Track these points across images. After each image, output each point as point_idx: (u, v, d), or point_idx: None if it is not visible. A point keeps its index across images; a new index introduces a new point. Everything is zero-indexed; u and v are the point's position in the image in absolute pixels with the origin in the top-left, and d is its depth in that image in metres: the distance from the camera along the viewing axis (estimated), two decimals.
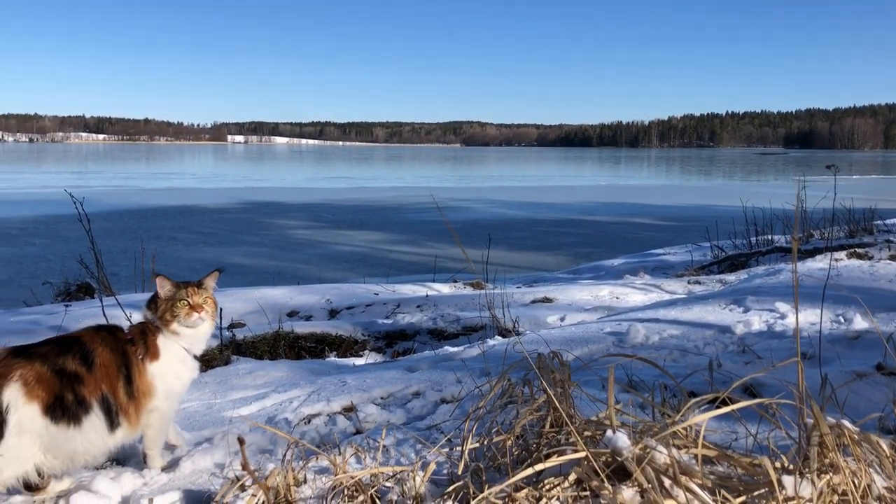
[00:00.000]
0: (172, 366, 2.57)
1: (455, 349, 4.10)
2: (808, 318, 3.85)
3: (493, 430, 2.02)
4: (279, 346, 5.27)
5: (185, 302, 2.57)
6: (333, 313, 7.39)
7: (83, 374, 2.36)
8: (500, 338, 4.83)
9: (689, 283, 7.78)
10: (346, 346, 5.63)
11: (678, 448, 1.71)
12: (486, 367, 3.23)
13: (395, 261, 14.89)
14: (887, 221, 12.89)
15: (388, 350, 5.74)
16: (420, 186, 39.98)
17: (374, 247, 17.00)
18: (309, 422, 2.76)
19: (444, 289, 9.45)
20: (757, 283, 5.08)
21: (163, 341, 2.57)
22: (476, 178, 52.06)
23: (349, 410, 2.81)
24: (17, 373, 2.27)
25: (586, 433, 1.78)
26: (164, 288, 2.60)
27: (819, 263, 5.95)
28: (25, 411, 2.24)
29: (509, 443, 1.90)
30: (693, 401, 1.88)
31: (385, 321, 6.47)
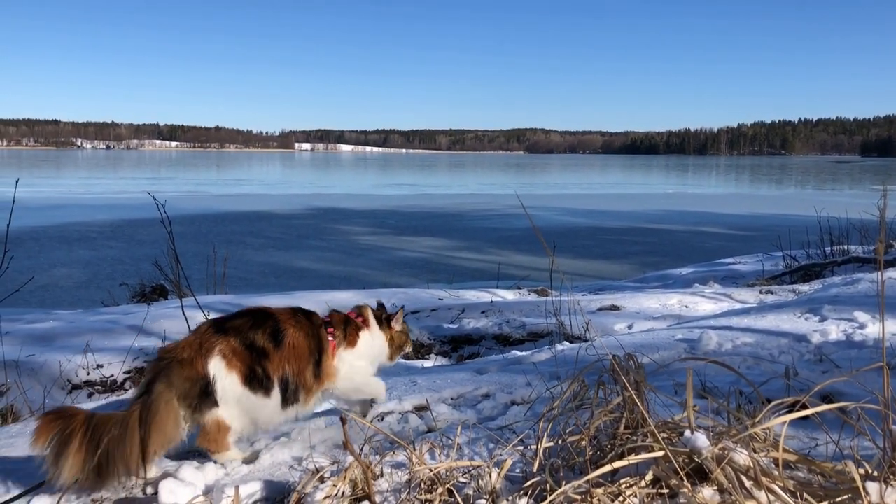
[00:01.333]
0: (361, 358, 2.89)
1: (523, 353, 4.11)
2: (891, 328, 3.72)
3: (568, 431, 2.04)
4: None
5: (411, 342, 3.13)
6: None
7: (270, 351, 2.61)
8: (567, 343, 4.82)
9: (760, 292, 7.61)
10: (414, 349, 5.70)
11: (757, 451, 1.70)
12: (556, 370, 3.24)
13: (458, 267, 14.95)
14: None
15: (453, 354, 5.80)
16: (483, 193, 40.06)
17: (438, 253, 17.11)
18: (382, 419, 2.82)
19: (509, 295, 9.46)
20: (834, 293, 4.94)
21: (365, 337, 2.94)
22: (539, 186, 51.87)
23: (421, 409, 2.86)
24: (217, 347, 2.53)
25: (662, 435, 1.78)
26: (399, 322, 3.10)
27: None
28: (228, 381, 2.52)
29: (584, 442, 1.92)
30: (771, 405, 1.86)
31: (450, 325, 6.53)
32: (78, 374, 5.66)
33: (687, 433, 1.69)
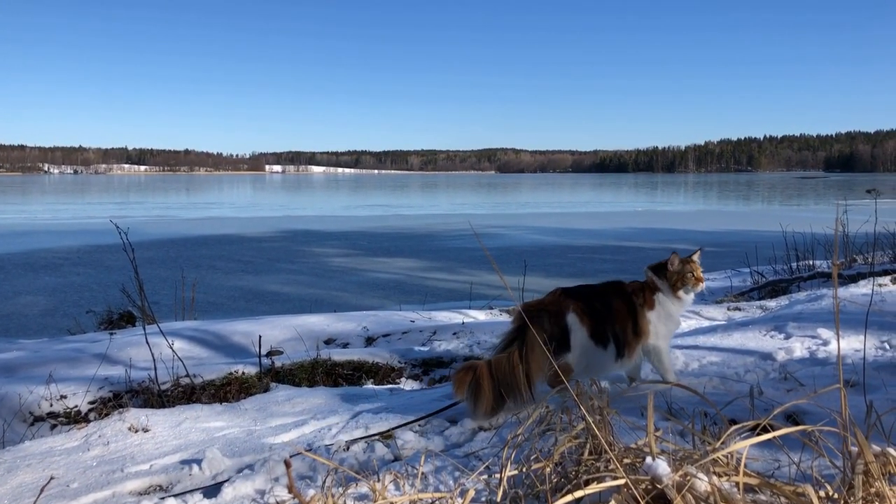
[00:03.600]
0: (664, 316, 3.40)
1: None
2: (852, 345, 3.77)
3: (532, 458, 2.02)
4: (317, 373, 5.32)
5: (692, 275, 3.42)
6: (370, 340, 7.44)
7: (606, 314, 3.29)
8: None
9: (728, 309, 7.67)
10: (383, 374, 5.65)
11: (719, 476, 1.70)
12: None
13: (430, 288, 14.90)
14: None
15: (424, 377, 5.75)
16: (455, 213, 40.13)
17: (410, 274, 17.05)
18: (347, 449, 2.77)
19: (481, 316, 9.43)
20: (798, 310, 5.00)
21: (660, 297, 3.43)
22: (511, 205, 52.09)
23: (388, 437, 2.83)
24: (571, 306, 3.24)
25: (626, 460, 1.78)
26: (674, 263, 3.44)
27: (862, 289, 5.84)
28: (581, 332, 3.20)
29: (548, 470, 1.90)
30: (733, 428, 1.86)
31: (422, 348, 6.48)
32: (41, 405, 5.51)
33: (648, 460, 1.68)
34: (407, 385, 5.50)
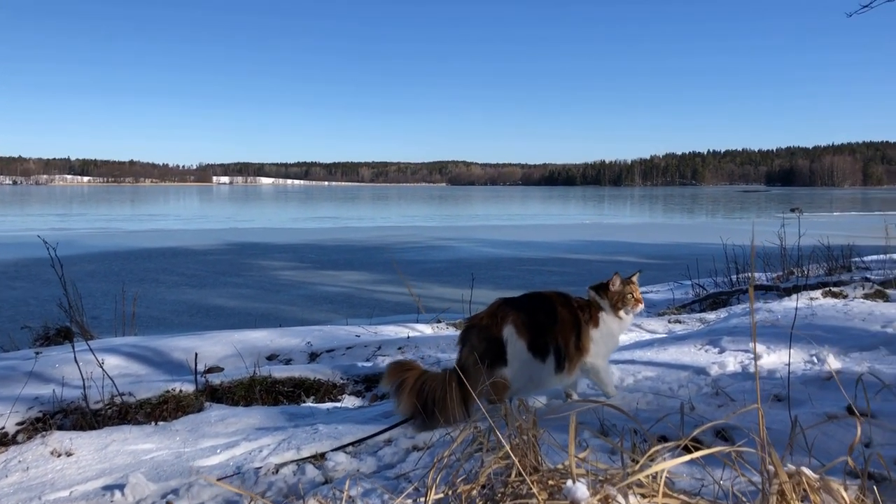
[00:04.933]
0: (606, 334, 3.43)
1: None
2: (783, 359, 3.85)
3: (459, 480, 2.00)
4: (255, 391, 5.21)
5: (632, 296, 3.46)
6: (314, 356, 7.33)
7: (548, 326, 3.26)
8: None
9: (669, 321, 7.79)
10: (325, 391, 5.57)
11: (642, 496, 1.70)
12: None
13: (379, 301, 14.81)
14: (865, 258, 13.01)
15: (367, 393, 5.68)
16: (406, 226, 40.08)
17: (359, 287, 16.92)
18: (277, 472, 2.71)
19: (427, 329, 9.39)
20: (733, 323, 5.09)
21: (604, 316, 3.44)
22: (461, 217, 52.26)
23: (319, 459, 2.77)
24: (510, 318, 3.21)
25: (551, 482, 1.77)
26: (615, 284, 3.47)
27: (794, 303, 5.98)
28: (519, 345, 3.17)
29: (474, 493, 1.88)
30: (654, 448, 1.87)
31: (365, 364, 6.41)
32: None
33: (568, 483, 1.67)
34: (349, 402, 5.43)
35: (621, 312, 3.45)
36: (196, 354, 5.56)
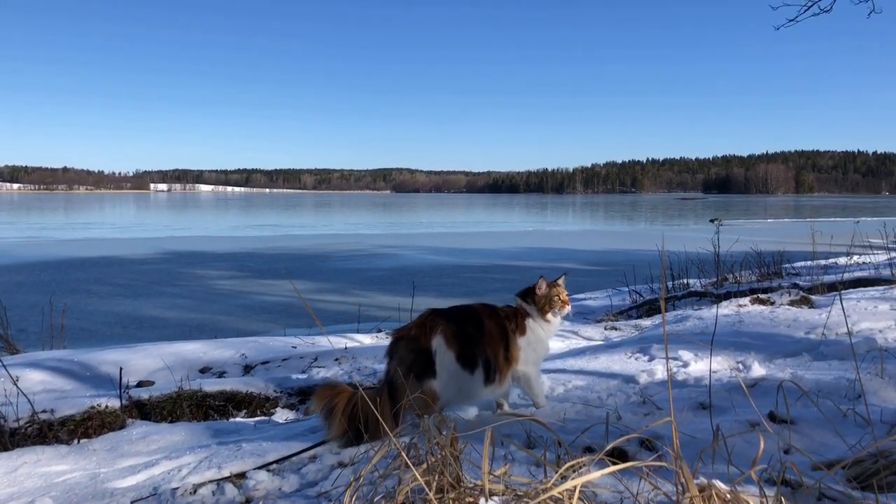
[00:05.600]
0: (534, 341, 3.43)
1: None
2: (713, 366, 3.91)
3: (378, 498, 1.96)
4: (182, 406, 5.06)
5: (559, 298, 3.52)
6: (248, 369, 7.19)
7: (477, 337, 3.24)
8: None
9: (605, 328, 7.88)
10: (257, 405, 5.45)
11: None
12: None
13: (320, 310, 14.59)
14: (796, 264, 13.42)
15: (301, 406, 5.58)
16: (348, 234, 39.79)
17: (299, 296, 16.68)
18: (195, 492, 2.62)
19: (367, 339, 9.29)
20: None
21: (530, 323, 3.46)
22: (405, 225, 52.16)
23: (239, 478, 2.69)
24: (439, 328, 3.17)
25: (469, 499, 1.74)
26: (541, 287, 3.52)
27: (724, 310, 6.11)
28: (448, 356, 3.14)
29: None
30: (570, 463, 1.86)
31: (300, 376, 6.30)
32: None
33: (481, 501, 1.65)
34: (282, 415, 5.32)
35: (549, 315, 3.47)
36: (121, 369, 5.38)
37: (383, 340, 9.18)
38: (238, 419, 4.81)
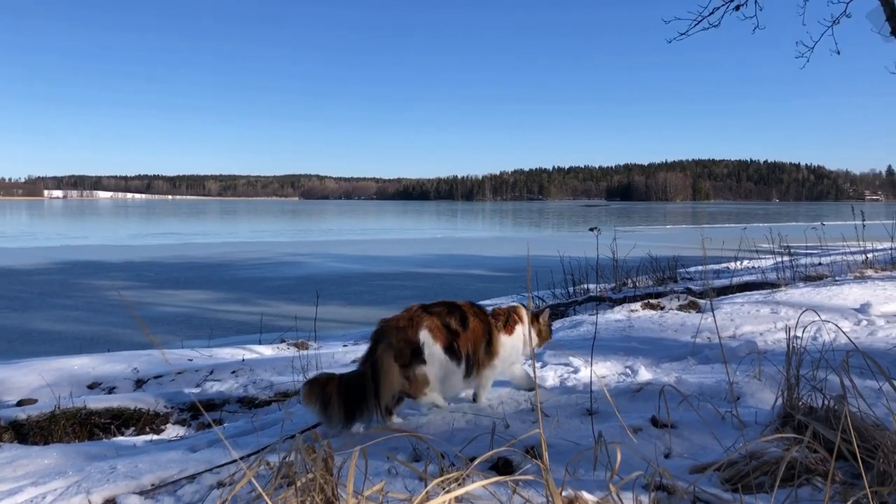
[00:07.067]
0: (510, 348, 3.61)
1: (237, 424, 3.89)
2: (601, 371, 4.00)
3: None
4: (61, 425, 4.79)
5: (548, 329, 3.84)
6: (140, 383, 6.90)
7: (460, 332, 3.43)
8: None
9: None
10: (146, 421, 5.23)
11: None
12: (261, 442, 3.07)
13: (222, 321, 14.22)
14: (690, 269, 13.98)
15: (193, 422, 5.39)
16: (254, 241, 38.96)
17: (201, 306, 16.17)
18: None
19: (267, 351, 9.08)
20: (557, 337, 5.26)
21: (519, 330, 3.66)
22: (313, 232, 51.50)
23: (110, 503, 2.56)
24: (425, 322, 3.36)
25: None
26: (545, 318, 3.87)
27: (617, 315, 6.28)
28: (435, 347, 3.34)
29: None
30: (435, 481, 1.85)
31: (193, 390, 6.10)
32: None
33: None
34: (173, 431, 5.12)
35: (536, 340, 3.76)
36: None
37: (284, 351, 8.98)
38: (122, 438, 4.60)
